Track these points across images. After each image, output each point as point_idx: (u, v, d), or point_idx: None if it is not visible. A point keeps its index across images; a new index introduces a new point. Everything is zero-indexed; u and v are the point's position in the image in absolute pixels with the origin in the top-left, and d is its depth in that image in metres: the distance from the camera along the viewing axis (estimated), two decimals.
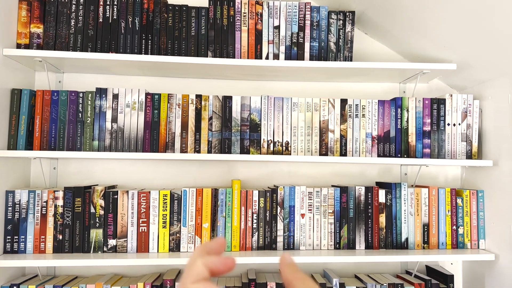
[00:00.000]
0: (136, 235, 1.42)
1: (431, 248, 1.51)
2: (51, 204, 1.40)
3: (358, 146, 1.51)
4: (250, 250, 1.46)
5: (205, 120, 1.47)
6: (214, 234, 1.45)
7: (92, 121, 1.43)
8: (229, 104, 1.48)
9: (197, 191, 1.46)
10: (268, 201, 1.49)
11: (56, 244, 1.40)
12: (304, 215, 1.49)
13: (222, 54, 1.49)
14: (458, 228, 1.52)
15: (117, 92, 1.44)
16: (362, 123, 1.51)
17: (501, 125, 1.44)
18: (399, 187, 1.51)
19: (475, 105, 1.53)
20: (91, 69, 1.58)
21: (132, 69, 1.55)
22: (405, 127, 1.52)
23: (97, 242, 1.41)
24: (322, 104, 1.51)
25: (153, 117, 1.45)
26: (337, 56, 1.53)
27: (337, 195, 1.51)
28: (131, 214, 1.43)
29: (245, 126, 1.48)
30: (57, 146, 1.41)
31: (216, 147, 1.47)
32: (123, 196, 1.43)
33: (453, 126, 1.53)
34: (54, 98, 1.42)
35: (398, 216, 1.51)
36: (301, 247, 1.48)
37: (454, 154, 1.52)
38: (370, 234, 1.50)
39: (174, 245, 1.44)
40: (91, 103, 1.43)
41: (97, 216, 1.41)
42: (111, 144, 1.43)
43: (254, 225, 1.47)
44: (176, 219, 1.44)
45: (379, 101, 1.52)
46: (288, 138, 1.49)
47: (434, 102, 1.53)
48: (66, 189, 1.41)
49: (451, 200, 1.52)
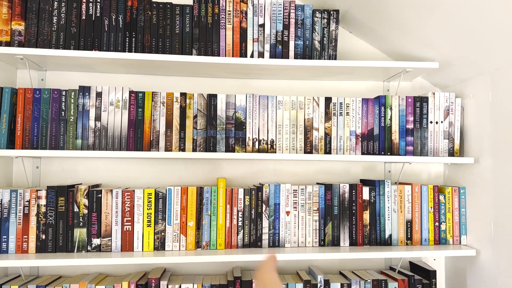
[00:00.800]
0: (120, 234, 1.42)
1: (414, 244, 1.53)
2: (34, 204, 1.39)
3: (342, 144, 1.52)
4: (235, 248, 1.47)
5: (190, 119, 1.47)
6: (199, 233, 1.45)
7: (75, 120, 1.42)
8: (214, 102, 1.48)
9: (182, 190, 1.45)
10: (254, 199, 1.49)
11: (39, 244, 1.38)
12: (289, 212, 1.50)
13: (206, 52, 1.49)
14: (441, 225, 1.54)
15: (100, 90, 1.43)
16: (346, 121, 1.52)
17: (482, 123, 1.46)
18: (382, 185, 1.53)
19: (457, 103, 1.56)
20: (74, 67, 1.56)
21: (116, 67, 1.54)
22: (388, 125, 1.53)
23: (81, 241, 1.40)
24: (307, 102, 1.51)
25: (137, 115, 1.44)
26: (322, 54, 1.54)
27: (322, 192, 1.52)
28: (115, 213, 1.42)
29: (230, 124, 1.48)
30: (40, 145, 1.39)
31: (201, 146, 1.47)
32: (107, 195, 1.42)
33: (435, 124, 1.55)
34: (36, 96, 1.40)
35: (382, 213, 1.52)
36: (286, 244, 1.49)
37: (436, 152, 1.54)
38: (354, 231, 1.51)
39: (159, 244, 1.43)
40: (74, 101, 1.42)
41: (80, 215, 1.40)
42: (95, 143, 1.42)
43: (239, 223, 1.48)
44: (161, 218, 1.44)
45: (363, 99, 1.53)
46: (273, 136, 1.50)
47: (417, 100, 1.55)
48: (49, 188, 1.40)
49: (434, 197, 1.55)
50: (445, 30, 1.37)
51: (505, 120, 1.34)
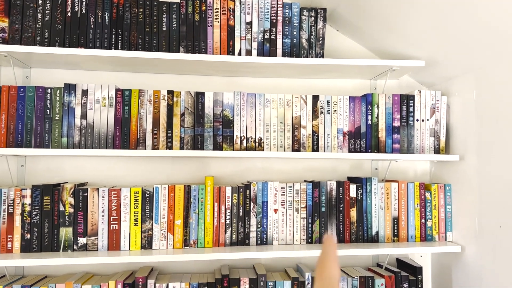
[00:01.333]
0: (107, 233, 1.40)
1: (400, 241, 1.54)
2: (18, 203, 1.37)
3: (330, 141, 1.52)
4: (223, 246, 1.47)
5: (177, 116, 1.46)
6: (187, 231, 1.45)
7: (61, 118, 1.40)
8: (202, 100, 1.48)
9: (169, 188, 1.45)
10: (241, 197, 1.49)
11: (24, 244, 1.37)
12: (277, 210, 1.50)
13: (194, 49, 1.48)
14: (427, 221, 1.56)
15: (86, 88, 1.42)
16: (334, 119, 1.53)
17: (467, 121, 1.48)
18: (369, 182, 1.54)
19: (443, 101, 1.57)
20: (60, 65, 1.54)
21: (102, 64, 1.53)
22: (375, 122, 1.54)
23: (66, 240, 1.38)
24: (295, 100, 1.52)
25: (123, 113, 1.43)
26: (309, 52, 1.54)
27: (310, 190, 1.52)
28: (101, 212, 1.41)
29: (218, 122, 1.48)
30: (24, 143, 1.38)
31: (189, 144, 1.47)
32: (93, 193, 1.41)
33: (421, 121, 1.56)
34: (20, 94, 1.38)
35: (369, 210, 1.53)
36: (274, 242, 1.49)
37: (422, 149, 1.55)
38: (342, 228, 1.52)
39: (146, 243, 1.42)
40: (60, 99, 1.40)
41: (66, 214, 1.39)
42: (81, 141, 1.40)
43: (227, 221, 1.47)
44: (148, 216, 1.43)
45: (350, 97, 1.54)
46: (261, 134, 1.50)
47: (403, 98, 1.56)
48: (34, 187, 1.38)
49: (420, 194, 1.56)
50: (431, 29, 1.38)
51: (490, 118, 1.36)
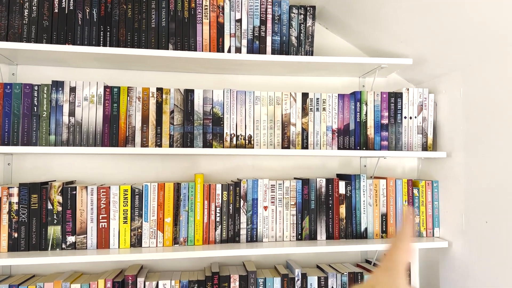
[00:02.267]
0: (96, 231, 1.40)
1: (389, 237, 1.56)
2: (5, 201, 1.35)
3: (319, 139, 1.53)
4: (213, 243, 1.47)
5: (166, 114, 1.46)
6: (177, 229, 1.45)
7: (49, 115, 1.38)
8: (191, 97, 1.47)
9: (159, 186, 1.44)
10: (231, 194, 1.49)
11: (11, 243, 1.35)
12: (267, 207, 1.51)
13: (183, 46, 1.48)
14: (414, 218, 1.58)
15: (74, 85, 1.40)
16: (323, 117, 1.54)
17: (454, 118, 1.50)
18: (358, 179, 1.55)
19: (430, 99, 1.59)
20: (47, 62, 1.53)
21: (90, 61, 1.51)
22: (364, 120, 1.56)
23: (55, 239, 1.37)
24: (284, 98, 1.52)
25: (112, 110, 1.42)
26: (299, 50, 1.55)
27: (299, 187, 1.53)
28: (90, 210, 1.39)
29: (207, 119, 1.48)
30: (11, 141, 1.36)
31: (178, 141, 1.46)
32: (82, 191, 1.39)
33: (409, 119, 1.58)
34: (7, 91, 1.36)
35: (358, 206, 1.55)
36: (264, 239, 1.50)
37: (410, 146, 1.57)
38: (331, 224, 1.53)
39: (135, 241, 1.42)
40: (47, 96, 1.39)
41: (54, 212, 1.37)
42: (69, 139, 1.39)
43: (217, 218, 1.47)
44: (138, 214, 1.42)
45: (339, 95, 1.55)
46: (251, 132, 1.50)
47: (391, 96, 1.58)
48: (22, 185, 1.36)
49: (408, 190, 1.58)
50: (419, 27, 1.40)
51: (476, 115, 1.38)
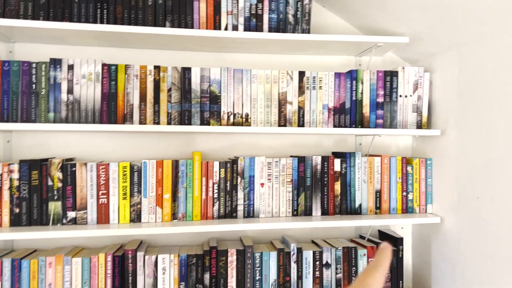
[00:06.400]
0: (96, 207, 1.42)
1: (383, 213, 1.59)
2: (6, 178, 1.37)
3: (315, 117, 1.55)
4: (211, 219, 1.50)
5: (164, 92, 1.47)
6: (175, 205, 1.47)
7: (47, 93, 1.39)
8: (188, 75, 1.48)
9: (157, 163, 1.46)
10: (229, 171, 1.52)
11: (13, 218, 1.38)
12: (263, 184, 1.54)
13: (180, 24, 1.48)
14: (408, 194, 1.61)
15: (72, 63, 1.41)
16: (319, 95, 1.55)
17: (449, 97, 1.52)
18: (353, 156, 1.58)
19: (426, 78, 1.61)
20: (44, 39, 1.53)
21: (87, 39, 1.52)
22: (359, 98, 1.57)
23: (56, 214, 1.40)
24: (281, 76, 1.53)
25: (110, 88, 1.43)
26: (295, 28, 1.55)
27: (295, 164, 1.56)
28: (90, 186, 1.42)
29: (205, 98, 1.49)
30: (10, 118, 1.37)
31: (176, 119, 1.48)
32: (82, 168, 1.42)
33: (404, 97, 1.60)
34: (5, 68, 1.37)
35: (352, 183, 1.58)
36: (261, 215, 1.53)
37: (405, 124, 1.60)
38: (326, 201, 1.57)
39: (135, 216, 1.45)
40: (45, 74, 1.39)
41: (55, 188, 1.40)
42: (68, 116, 1.41)
43: (215, 195, 1.50)
44: (137, 191, 1.45)
45: (335, 74, 1.56)
46: (248, 110, 1.52)
47: (387, 74, 1.59)
48: (22, 162, 1.38)
49: (402, 168, 1.61)
50: (416, 5, 1.40)
51: (471, 94, 1.40)
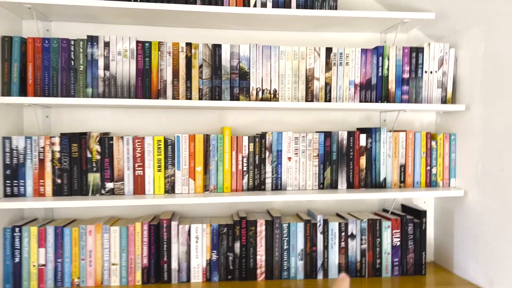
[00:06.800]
0: (132, 178, 1.49)
1: (407, 187, 1.64)
2: (48, 150, 1.45)
3: (342, 93, 1.59)
4: (241, 191, 1.56)
5: (195, 68, 1.52)
6: (207, 177, 1.54)
7: (85, 69, 1.46)
8: (219, 52, 1.53)
9: (190, 137, 1.52)
10: (257, 146, 1.57)
11: (55, 188, 1.46)
12: (290, 158, 1.59)
13: (210, 1, 1.52)
14: (432, 168, 1.65)
15: (108, 40, 1.46)
16: (346, 71, 1.59)
17: (474, 72, 1.54)
18: (378, 132, 1.62)
19: (451, 54, 1.63)
20: (80, 18, 1.58)
21: (121, 17, 1.57)
22: (385, 74, 1.60)
23: (95, 185, 1.47)
24: (308, 53, 1.57)
25: (144, 64, 1.49)
26: (323, 5, 1.58)
27: (322, 139, 1.60)
28: (126, 159, 1.49)
29: (234, 74, 1.54)
30: (51, 93, 1.44)
31: (207, 95, 1.53)
32: (118, 141, 1.48)
33: (430, 73, 1.62)
34: (45, 45, 1.43)
35: (378, 158, 1.62)
36: (288, 187, 1.59)
37: (430, 100, 1.62)
38: (352, 175, 1.61)
39: (169, 187, 1.52)
40: (83, 50, 1.45)
41: (93, 161, 1.47)
42: (105, 91, 1.47)
43: (244, 168, 1.56)
44: (171, 163, 1.52)
45: (362, 50, 1.59)
46: (276, 86, 1.56)
47: (413, 50, 1.61)
48: (62, 135, 1.45)
49: (426, 142, 1.64)
50: None
51: (496, 69, 1.42)
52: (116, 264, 1.50)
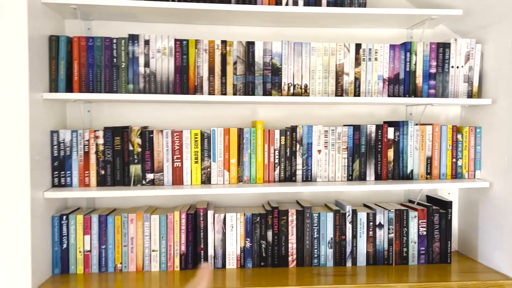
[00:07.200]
0: (171, 170, 1.58)
1: (433, 178, 1.69)
2: (93, 143, 1.54)
3: (371, 87, 1.64)
4: (272, 182, 1.63)
5: (230, 65, 1.59)
6: (241, 169, 1.61)
7: (126, 66, 1.53)
8: (252, 49, 1.59)
9: (224, 131, 1.60)
10: (288, 139, 1.64)
11: (99, 179, 1.55)
12: (320, 151, 1.65)
13: (244, 1, 1.58)
14: (458, 161, 1.70)
15: (148, 38, 1.54)
16: (375, 66, 1.64)
17: (500, 67, 1.58)
18: (406, 125, 1.67)
19: (477, 49, 1.67)
20: (119, 16, 1.66)
21: (159, 16, 1.64)
22: (413, 69, 1.65)
23: (136, 176, 1.56)
24: (338, 49, 1.62)
25: (182, 61, 1.56)
26: (352, 2, 1.63)
27: (350, 133, 1.66)
28: (166, 151, 1.57)
29: (267, 70, 1.60)
30: (95, 89, 1.52)
31: (241, 90, 1.60)
32: (158, 135, 1.56)
33: (456, 68, 1.67)
34: (89, 44, 1.51)
35: (405, 150, 1.68)
36: (318, 179, 1.65)
37: (456, 94, 1.67)
38: (379, 167, 1.67)
39: (205, 178, 1.60)
40: (125, 48, 1.53)
41: (135, 153, 1.55)
42: (145, 87, 1.55)
43: (276, 160, 1.63)
44: (207, 155, 1.59)
45: (390, 46, 1.64)
46: (307, 81, 1.62)
47: (440, 46, 1.66)
48: (106, 129, 1.54)
49: (452, 136, 1.69)
50: None
51: None
52: (156, 251, 1.59)
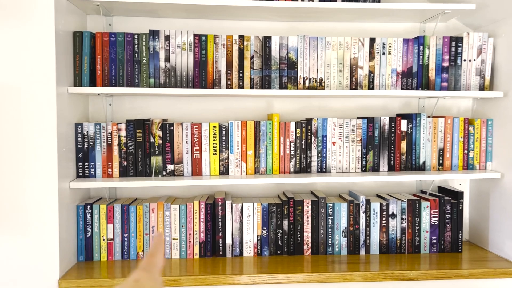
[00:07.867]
0: (190, 161, 1.63)
1: (445, 169, 1.73)
2: (115, 135, 1.59)
3: (384, 81, 1.68)
4: (288, 173, 1.68)
5: (247, 59, 1.63)
6: (258, 160, 1.66)
7: (148, 61, 1.58)
8: (269, 44, 1.63)
9: (241, 123, 1.65)
10: (304, 131, 1.68)
11: (121, 170, 1.61)
12: (335, 143, 1.70)
13: None
14: (469, 152, 1.74)
15: (168, 34, 1.59)
16: (388, 60, 1.68)
17: None
18: (419, 117, 1.71)
19: (490, 43, 1.70)
20: (139, 12, 1.70)
21: (178, 12, 1.68)
22: (426, 63, 1.69)
23: (157, 167, 1.62)
24: (353, 43, 1.66)
25: (201, 56, 1.61)
26: None
27: (364, 125, 1.70)
28: (185, 143, 1.62)
29: (283, 64, 1.65)
30: (117, 83, 1.57)
31: (258, 84, 1.64)
32: (178, 127, 1.62)
33: (468, 61, 1.70)
34: (112, 39, 1.57)
35: (418, 142, 1.72)
36: (332, 170, 1.70)
37: (468, 87, 1.70)
38: (393, 158, 1.72)
39: (223, 169, 1.65)
40: (146, 44, 1.58)
41: (156, 145, 1.61)
42: (165, 81, 1.60)
43: (291, 152, 1.68)
44: (225, 147, 1.64)
45: (403, 40, 1.68)
46: (322, 75, 1.66)
47: (452, 40, 1.69)
48: (128, 121, 1.60)
49: (464, 127, 1.73)
50: None
51: None
52: (176, 239, 1.65)
